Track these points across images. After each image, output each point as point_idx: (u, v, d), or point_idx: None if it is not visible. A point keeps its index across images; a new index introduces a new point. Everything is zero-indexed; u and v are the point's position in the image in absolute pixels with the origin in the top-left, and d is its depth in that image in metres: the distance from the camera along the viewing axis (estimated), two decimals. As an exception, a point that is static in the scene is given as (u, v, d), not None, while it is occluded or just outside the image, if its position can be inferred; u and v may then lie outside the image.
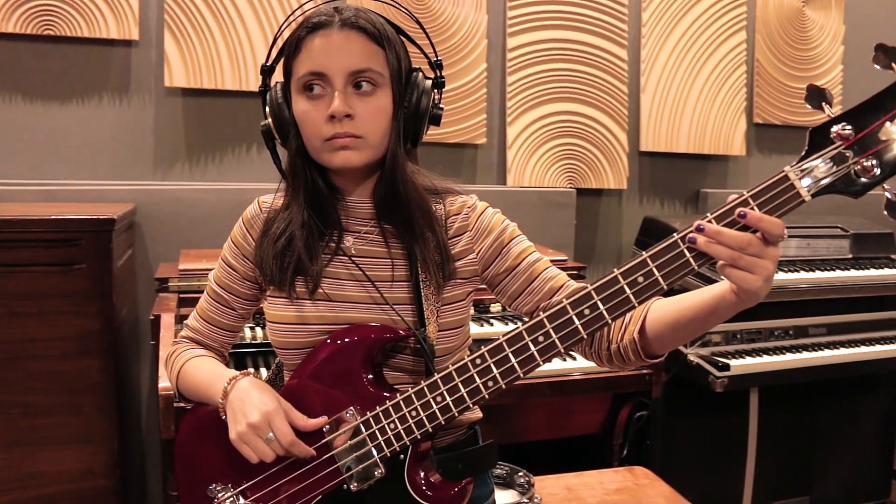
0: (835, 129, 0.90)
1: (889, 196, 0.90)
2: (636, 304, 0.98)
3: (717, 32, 3.05)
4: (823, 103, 0.93)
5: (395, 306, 1.15)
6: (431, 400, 1.07)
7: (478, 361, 1.05)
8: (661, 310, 1.06)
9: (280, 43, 1.16)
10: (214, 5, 2.47)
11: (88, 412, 1.86)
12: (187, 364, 1.22)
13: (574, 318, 1.00)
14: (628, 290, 0.97)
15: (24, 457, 1.82)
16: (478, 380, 1.05)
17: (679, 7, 3.00)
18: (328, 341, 1.13)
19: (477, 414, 1.28)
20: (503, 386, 1.05)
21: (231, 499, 1.15)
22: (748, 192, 0.91)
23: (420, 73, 1.19)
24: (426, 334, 1.14)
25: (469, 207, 1.21)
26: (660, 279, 0.96)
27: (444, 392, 1.06)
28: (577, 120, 2.91)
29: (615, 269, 0.98)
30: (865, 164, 0.89)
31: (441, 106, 1.21)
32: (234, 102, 2.55)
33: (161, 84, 2.46)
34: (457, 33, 2.76)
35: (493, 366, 1.04)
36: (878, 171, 0.89)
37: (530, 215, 2.79)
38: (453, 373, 1.06)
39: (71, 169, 2.43)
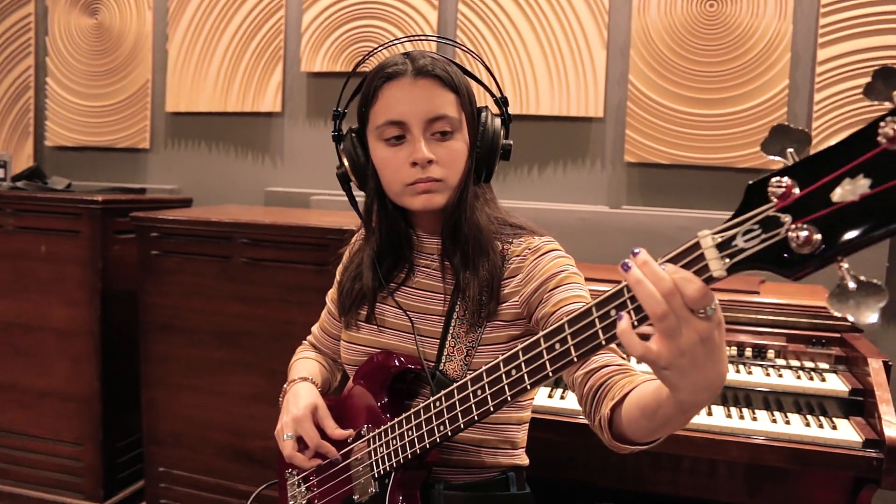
0: (772, 182, 0.67)
1: (843, 281, 0.64)
2: (550, 374, 0.87)
3: None
4: (790, 149, 0.69)
5: (424, 338, 1.19)
6: (405, 432, 1.10)
7: (436, 404, 1.04)
8: (641, 388, 0.91)
9: (348, 90, 1.27)
10: (502, 38, 2.66)
11: (328, 390, 2.21)
12: (293, 364, 1.44)
13: (503, 376, 0.93)
14: (545, 356, 0.87)
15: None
16: (434, 421, 1.05)
17: None
18: (367, 362, 1.24)
19: (516, 460, 1.24)
20: (449, 433, 1.03)
21: (296, 483, 1.33)
22: (661, 260, 0.74)
23: (488, 112, 1.21)
24: (440, 369, 1.16)
25: (531, 249, 1.17)
26: (571, 349, 0.83)
27: (413, 427, 1.08)
28: (908, 143, 2.38)
29: (541, 331, 0.89)
30: (800, 234, 0.64)
31: (510, 141, 1.22)
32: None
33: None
34: (754, 47, 2.49)
35: (445, 410, 1.03)
36: (823, 246, 0.64)
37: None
38: (421, 410, 1.07)
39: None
